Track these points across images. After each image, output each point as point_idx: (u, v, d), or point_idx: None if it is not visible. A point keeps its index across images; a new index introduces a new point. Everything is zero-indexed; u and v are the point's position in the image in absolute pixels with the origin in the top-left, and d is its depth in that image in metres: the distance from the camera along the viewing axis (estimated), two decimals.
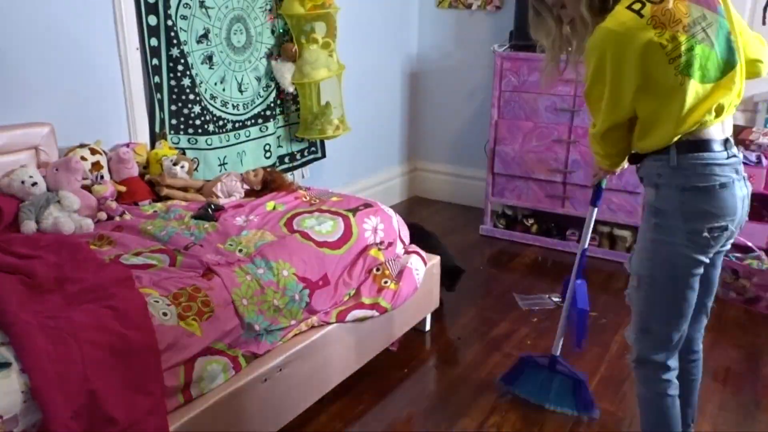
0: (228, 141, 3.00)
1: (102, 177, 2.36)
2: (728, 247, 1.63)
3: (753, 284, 2.87)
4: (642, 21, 1.41)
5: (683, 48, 1.41)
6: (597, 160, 1.77)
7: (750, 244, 2.93)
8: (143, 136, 2.68)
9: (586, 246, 2.14)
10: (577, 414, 2.16)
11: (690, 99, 1.43)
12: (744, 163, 2.92)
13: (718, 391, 2.31)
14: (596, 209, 2.08)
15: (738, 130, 3.22)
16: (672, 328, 1.57)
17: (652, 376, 1.62)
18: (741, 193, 1.52)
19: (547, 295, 3.01)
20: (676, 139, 1.47)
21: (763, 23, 3.25)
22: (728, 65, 1.47)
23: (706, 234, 1.47)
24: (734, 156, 1.51)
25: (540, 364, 2.26)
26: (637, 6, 1.42)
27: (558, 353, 2.23)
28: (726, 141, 1.51)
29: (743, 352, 2.57)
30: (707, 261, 1.53)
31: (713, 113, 1.47)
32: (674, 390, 1.63)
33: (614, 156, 1.67)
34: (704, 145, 1.47)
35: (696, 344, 1.77)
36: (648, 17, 1.41)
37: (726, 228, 1.49)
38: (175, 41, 2.67)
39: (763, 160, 2.97)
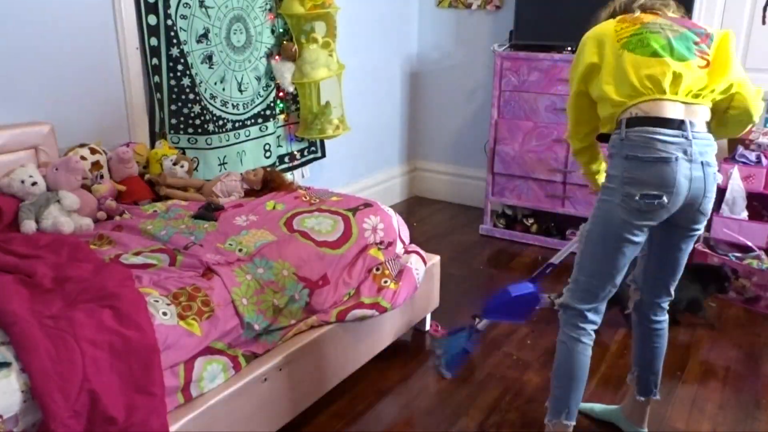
0: (228, 140, 3.00)
1: (102, 176, 2.36)
2: (697, 231, 1.75)
3: (753, 284, 2.87)
4: (612, 21, 1.75)
5: (630, 33, 1.67)
6: (569, 142, 1.99)
7: (750, 243, 2.93)
8: (143, 136, 2.68)
9: (555, 262, 2.19)
10: (439, 364, 2.23)
11: (627, 66, 1.64)
12: (744, 163, 2.97)
13: (718, 390, 2.31)
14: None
15: None
16: (595, 281, 1.74)
17: (570, 321, 1.79)
18: (686, 172, 1.61)
19: (546, 295, 3.01)
20: (623, 109, 1.66)
21: (763, 23, 3.25)
22: (681, 55, 1.64)
23: (638, 198, 1.61)
24: (687, 140, 1.61)
25: (466, 331, 2.24)
26: (617, 16, 1.78)
27: (481, 329, 2.22)
28: (681, 122, 1.62)
29: (743, 351, 2.57)
30: (643, 228, 1.66)
31: (652, 81, 1.62)
32: (587, 339, 1.78)
33: (577, 130, 1.91)
34: (652, 121, 1.62)
35: (656, 315, 1.91)
36: (618, 19, 1.75)
37: (659, 197, 1.61)
38: (174, 41, 2.67)
39: (763, 159, 2.97)
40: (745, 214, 2.98)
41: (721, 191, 3.02)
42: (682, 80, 1.62)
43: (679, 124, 1.61)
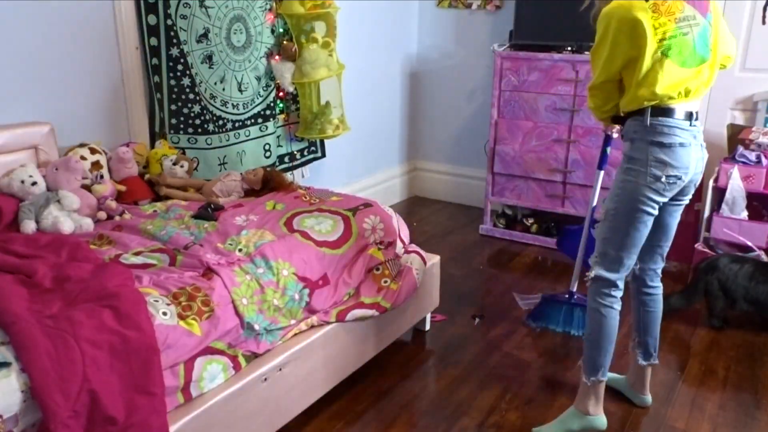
0: (228, 140, 3.00)
1: (102, 176, 2.36)
2: (685, 201, 1.99)
3: None
4: (645, 4, 1.77)
5: (669, 35, 1.77)
6: (592, 112, 2.09)
7: (750, 243, 2.93)
8: (143, 136, 2.68)
9: (594, 204, 2.60)
10: (575, 334, 2.58)
11: (665, 76, 1.79)
12: (744, 163, 2.97)
13: (718, 390, 2.31)
14: (602, 172, 2.57)
15: (738, 130, 3.22)
16: (624, 252, 1.94)
17: (602, 291, 1.98)
18: (696, 155, 1.89)
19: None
20: (647, 104, 1.83)
21: (763, 23, 3.25)
22: (701, 59, 1.83)
23: (663, 179, 1.85)
24: (695, 126, 1.87)
25: (559, 299, 2.68)
26: None
27: (575, 289, 2.63)
28: (690, 114, 1.87)
29: (743, 351, 2.57)
30: (660, 203, 1.89)
31: (682, 93, 1.83)
32: (617, 305, 1.99)
33: (603, 109, 2.00)
34: (671, 112, 1.84)
35: (651, 281, 2.13)
36: (651, 2, 1.78)
37: (680, 177, 1.86)
38: (174, 41, 2.67)
39: (763, 159, 2.97)
40: (745, 214, 2.98)
41: (721, 191, 3.02)
42: (702, 86, 1.87)
43: (688, 115, 1.86)
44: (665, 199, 1.89)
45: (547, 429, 2.05)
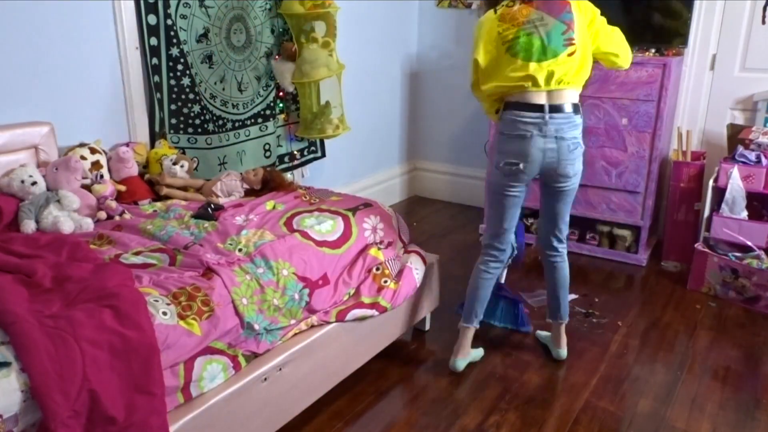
0: (228, 140, 3.00)
1: (102, 176, 2.36)
2: (562, 188, 2.22)
3: (753, 284, 2.87)
4: (495, 16, 2.14)
5: (511, 37, 2.09)
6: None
7: (749, 243, 2.93)
8: (143, 136, 2.68)
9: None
10: (515, 329, 2.69)
11: (508, 70, 2.09)
12: (744, 163, 2.97)
13: (718, 390, 2.31)
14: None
15: (738, 130, 3.22)
16: (492, 223, 2.33)
17: (483, 253, 2.38)
18: (541, 145, 2.11)
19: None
20: (499, 93, 2.16)
21: (763, 23, 3.25)
22: (553, 52, 2.06)
23: (502, 165, 2.16)
24: (540, 119, 2.09)
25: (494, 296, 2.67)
26: (497, 8, 2.15)
27: (503, 281, 2.68)
28: (542, 107, 2.09)
29: (743, 351, 2.57)
30: (512, 186, 2.20)
31: (530, 81, 2.07)
32: (488, 268, 2.36)
33: (484, 104, 2.32)
34: (518, 106, 2.12)
35: (551, 251, 2.39)
36: (499, 14, 2.13)
37: (516, 164, 2.14)
38: (174, 40, 2.67)
39: (763, 159, 2.97)
40: (744, 214, 2.98)
41: (721, 191, 3.02)
42: (553, 75, 2.07)
43: (540, 107, 2.09)
44: (518, 183, 2.19)
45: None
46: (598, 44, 2.15)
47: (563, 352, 2.49)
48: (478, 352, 2.49)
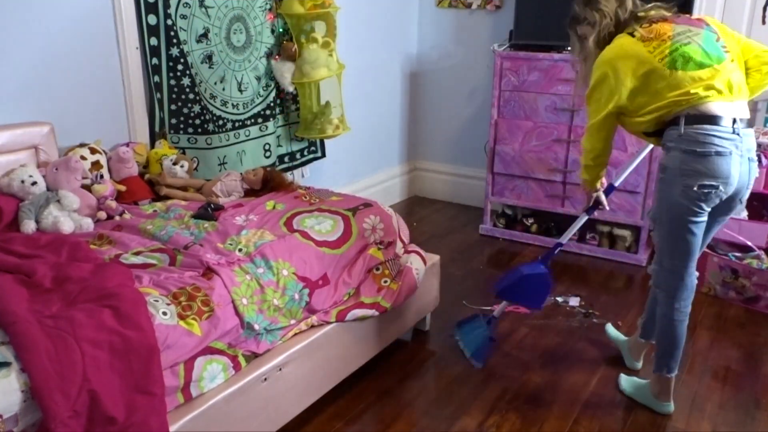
0: (228, 140, 3.00)
1: (102, 176, 2.36)
2: (726, 219, 2.03)
3: (753, 284, 2.87)
4: (634, 40, 1.93)
5: (668, 51, 1.88)
6: (581, 175, 2.20)
7: (750, 243, 2.93)
8: (143, 136, 2.68)
9: (563, 241, 2.49)
10: (468, 356, 2.47)
11: (685, 83, 1.86)
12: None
13: (718, 390, 2.31)
14: (587, 217, 2.41)
15: None
16: (676, 261, 1.99)
17: (665, 300, 2.07)
18: (738, 166, 1.85)
19: (552, 297, 3.01)
20: (677, 109, 1.87)
21: (763, 23, 3.25)
22: (717, 58, 1.87)
23: (695, 189, 1.85)
24: (738, 135, 1.84)
25: (481, 320, 2.53)
26: (630, 31, 1.96)
27: (497, 316, 2.51)
28: (734, 120, 1.85)
29: (743, 351, 2.57)
30: (701, 212, 1.89)
31: (708, 89, 1.85)
32: (680, 316, 2.05)
33: (598, 152, 2.08)
34: (708, 119, 1.85)
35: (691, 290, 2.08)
36: (639, 37, 1.93)
37: (716, 187, 1.84)
38: (174, 40, 2.67)
39: (763, 159, 2.97)
40: (745, 214, 2.98)
41: None
42: (732, 82, 1.86)
43: (732, 121, 1.85)
44: (707, 209, 1.87)
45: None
46: (748, 49, 1.95)
47: (639, 364, 2.41)
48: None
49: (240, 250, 1.94)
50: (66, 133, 2.38)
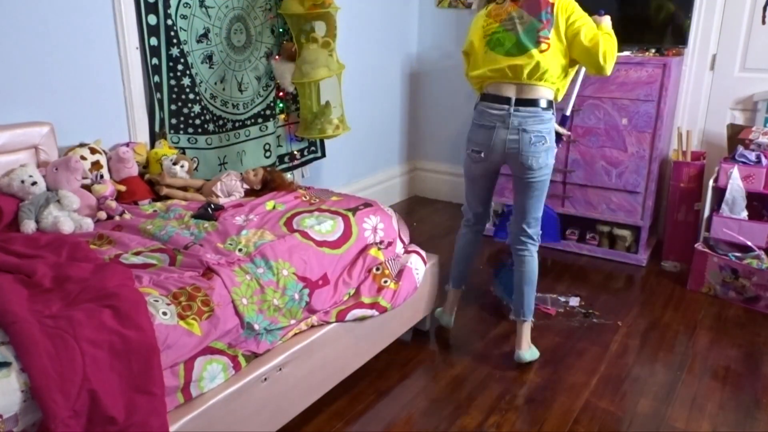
0: (228, 140, 3.00)
1: (102, 176, 2.36)
2: (528, 180, 2.30)
3: (753, 284, 2.87)
4: (485, 12, 2.35)
5: (492, 31, 2.28)
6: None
7: (750, 243, 2.93)
8: (143, 136, 2.68)
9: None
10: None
11: (486, 61, 2.29)
12: (744, 163, 2.97)
13: (718, 390, 2.31)
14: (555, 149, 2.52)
15: (738, 130, 3.22)
16: (466, 201, 2.57)
17: (462, 222, 2.66)
18: (504, 136, 2.25)
19: (555, 295, 3.01)
20: (480, 83, 2.35)
21: (763, 23, 3.25)
22: (525, 48, 2.20)
23: (468, 151, 2.38)
24: (504, 111, 2.24)
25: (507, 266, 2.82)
26: (489, 5, 2.35)
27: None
28: (509, 99, 2.23)
29: (743, 351, 2.57)
30: (479, 171, 2.41)
31: (499, 73, 2.24)
32: (463, 239, 2.64)
33: (476, 91, 2.46)
34: (487, 97, 2.30)
35: (518, 245, 2.43)
36: (487, 11, 2.34)
37: (478, 152, 2.33)
38: (175, 41, 2.67)
39: (763, 159, 2.97)
40: (744, 214, 2.98)
41: (721, 191, 3.02)
42: (523, 70, 2.20)
43: (507, 100, 2.24)
44: (480, 169, 2.38)
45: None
46: (572, 49, 2.22)
47: (523, 354, 2.43)
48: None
49: (240, 250, 1.94)
50: (66, 133, 2.38)
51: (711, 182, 3.07)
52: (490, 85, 2.29)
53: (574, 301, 2.95)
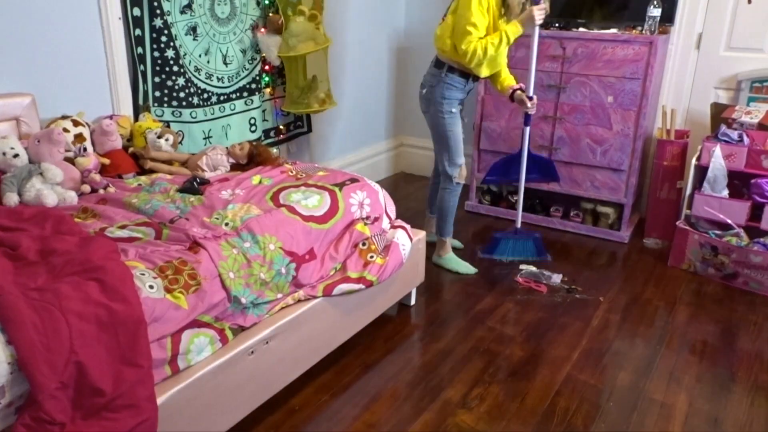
0: (213, 114, 2.97)
1: (85, 149, 2.33)
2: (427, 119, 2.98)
3: (731, 261, 2.93)
4: None
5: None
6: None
7: (729, 221, 2.98)
8: (127, 108, 2.64)
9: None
10: (536, 259, 3.16)
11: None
12: (726, 142, 3.00)
13: (695, 363, 2.37)
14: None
15: (721, 109, 3.25)
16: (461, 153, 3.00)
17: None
18: (421, 90, 2.92)
19: (539, 270, 3.05)
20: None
21: (749, 2, 3.26)
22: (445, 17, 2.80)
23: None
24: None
25: (507, 235, 3.23)
26: None
27: (519, 225, 3.21)
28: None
29: (720, 326, 2.63)
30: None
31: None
32: (434, 185, 3.23)
33: None
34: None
35: (438, 176, 3.09)
36: None
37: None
38: (158, 11, 2.62)
39: (745, 138, 3.01)
40: (725, 193, 3.03)
41: (704, 169, 3.06)
42: (437, 34, 2.80)
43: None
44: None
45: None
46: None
47: (437, 258, 3.10)
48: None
49: (226, 224, 1.94)
50: (47, 105, 2.35)
51: (694, 161, 3.10)
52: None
53: (557, 278, 2.99)
